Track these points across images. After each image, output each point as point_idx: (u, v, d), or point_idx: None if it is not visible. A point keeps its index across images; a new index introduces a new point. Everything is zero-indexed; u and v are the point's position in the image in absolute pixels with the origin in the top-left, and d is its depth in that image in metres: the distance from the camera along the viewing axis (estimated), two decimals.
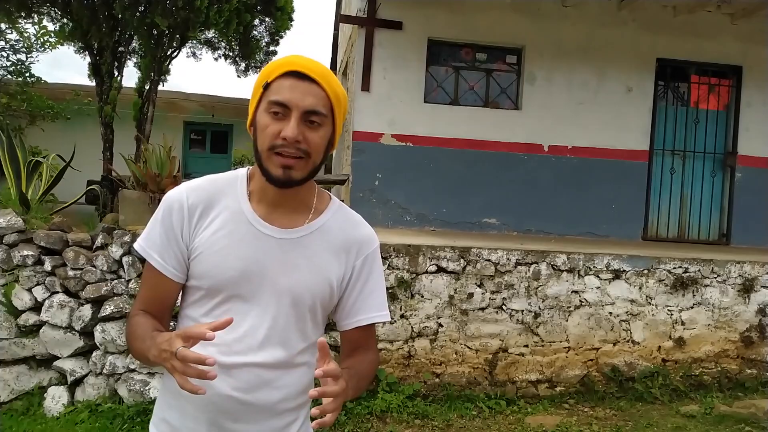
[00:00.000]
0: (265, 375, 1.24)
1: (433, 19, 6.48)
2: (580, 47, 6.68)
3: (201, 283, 1.25)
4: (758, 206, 6.86)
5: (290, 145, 1.15)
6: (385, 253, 4.41)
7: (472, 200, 6.51)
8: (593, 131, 6.73)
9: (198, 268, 1.24)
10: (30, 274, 4.02)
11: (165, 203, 1.27)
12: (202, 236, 1.24)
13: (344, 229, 1.33)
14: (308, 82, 1.17)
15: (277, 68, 1.18)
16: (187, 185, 1.29)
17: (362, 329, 1.35)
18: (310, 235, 1.28)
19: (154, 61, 7.40)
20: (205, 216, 1.25)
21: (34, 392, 3.99)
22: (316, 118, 1.17)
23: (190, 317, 1.28)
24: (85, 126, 9.33)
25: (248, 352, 1.22)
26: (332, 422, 1.06)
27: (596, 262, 4.69)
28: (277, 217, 1.26)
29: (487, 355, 4.51)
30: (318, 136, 1.19)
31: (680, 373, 4.74)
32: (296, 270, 1.25)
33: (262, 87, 1.19)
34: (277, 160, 1.17)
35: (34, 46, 8.43)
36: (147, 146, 5.73)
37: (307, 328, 1.30)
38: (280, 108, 1.16)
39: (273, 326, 1.24)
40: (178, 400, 1.26)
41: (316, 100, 1.17)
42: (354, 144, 6.45)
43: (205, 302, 1.26)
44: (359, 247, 1.33)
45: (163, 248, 1.24)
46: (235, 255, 1.22)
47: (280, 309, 1.24)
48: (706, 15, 6.73)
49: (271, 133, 1.16)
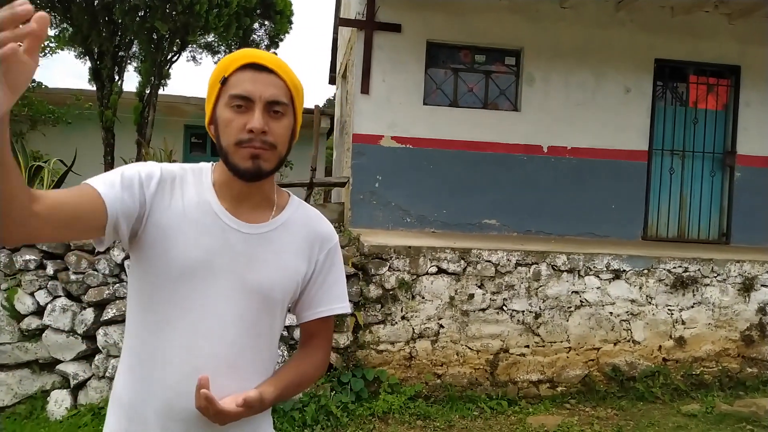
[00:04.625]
0: (235, 375, 1.20)
1: (431, 21, 6.50)
2: (579, 48, 6.70)
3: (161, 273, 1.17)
4: (758, 205, 6.88)
5: (257, 138, 1.14)
6: (385, 255, 4.42)
7: (472, 201, 6.53)
8: (592, 132, 6.75)
9: (159, 253, 1.17)
10: (32, 279, 4.05)
11: (134, 165, 1.21)
12: (163, 212, 1.18)
13: (307, 225, 1.33)
14: (266, 73, 1.17)
15: (233, 62, 1.17)
16: (159, 163, 1.25)
17: (321, 320, 1.36)
18: (275, 231, 1.27)
19: (155, 66, 7.43)
20: (170, 191, 1.20)
21: (37, 396, 4.01)
22: (279, 107, 1.17)
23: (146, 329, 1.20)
24: (86, 130, 9.34)
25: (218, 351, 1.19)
26: (225, 413, 1.09)
27: (596, 262, 4.70)
28: (242, 212, 1.24)
29: (488, 355, 4.52)
30: (282, 126, 1.19)
31: (681, 372, 4.75)
32: (264, 265, 1.24)
33: (220, 82, 1.17)
34: (245, 152, 1.15)
35: None
36: (148, 150, 5.76)
37: (276, 325, 1.30)
38: (242, 101, 1.15)
39: (242, 323, 1.21)
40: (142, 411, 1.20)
41: (277, 90, 1.17)
42: (354, 146, 6.47)
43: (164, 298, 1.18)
44: (322, 242, 1.34)
45: (112, 188, 1.12)
46: (200, 244, 1.18)
47: (249, 306, 1.21)
48: (704, 15, 6.75)
49: (236, 127, 1.15)
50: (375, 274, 4.39)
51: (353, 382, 4.17)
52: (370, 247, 4.43)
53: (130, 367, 1.23)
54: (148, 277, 1.19)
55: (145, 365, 1.20)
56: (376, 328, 4.36)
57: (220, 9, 6.97)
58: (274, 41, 10.12)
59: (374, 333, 4.36)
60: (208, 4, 6.65)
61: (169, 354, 1.18)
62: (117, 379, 1.27)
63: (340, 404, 4.01)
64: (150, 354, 1.19)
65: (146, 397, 1.19)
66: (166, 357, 1.18)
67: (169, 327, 1.18)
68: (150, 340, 1.20)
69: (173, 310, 1.18)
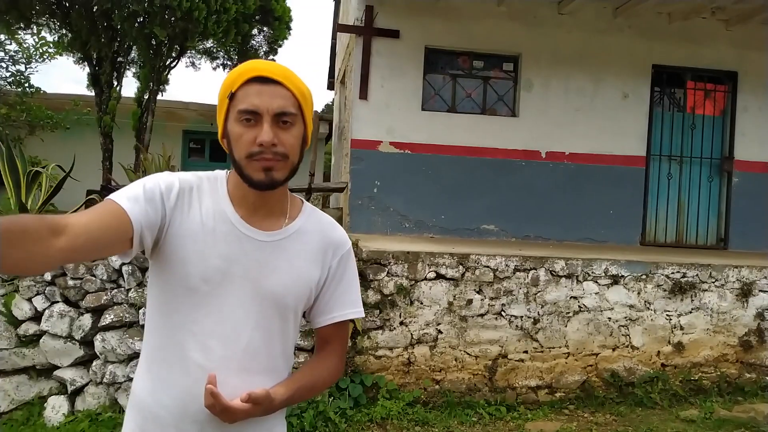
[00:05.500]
0: (248, 379, 1.22)
1: (430, 27, 6.53)
2: (576, 54, 6.73)
3: (179, 280, 1.21)
4: (755, 211, 6.89)
5: (267, 150, 1.16)
6: (384, 261, 4.42)
7: (471, 207, 6.53)
8: (590, 137, 6.77)
9: (177, 261, 1.20)
10: (30, 284, 4.04)
11: (155, 176, 1.24)
12: (182, 223, 1.21)
13: (320, 231, 1.35)
14: (272, 84, 1.18)
15: (239, 77, 1.19)
16: (176, 173, 1.29)
17: (335, 326, 1.37)
18: (288, 238, 1.29)
19: (153, 71, 7.45)
20: (188, 202, 1.24)
21: (35, 402, 3.99)
22: (287, 118, 1.19)
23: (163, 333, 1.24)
24: (85, 136, 9.34)
25: (232, 355, 1.22)
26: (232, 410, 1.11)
27: (594, 267, 4.70)
28: (257, 220, 1.27)
29: (486, 361, 4.51)
30: (292, 136, 1.21)
31: (680, 377, 4.75)
32: (277, 272, 1.26)
33: (228, 98, 1.19)
34: (257, 165, 1.18)
35: (33, 57, 8.47)
36: (146, 155, 5.76)
37: (289, 330, 1.32)
38: (250, 115, 1.17)
39: (256, 328, 1.24)
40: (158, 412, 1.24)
41: (284, 101, 1.18)
42: (352, 152, 6.48)
43: (181, 304, 1.22)
44: (335, 248, 1.36)
45: (137, 203, 1.15)
46: (217, 253, 1.22)
47: (263, 312, 1.25)
48: (701, 21, 6.78)
49: (247, 141, 1.17)
50: (373, 279, 4.38)
51: (351, 387, 4.16)
52: (368, 253, 4.43)
53: (148, 369, 1.28)
54: (167, 285, 1.23)
55: (161, 368, 1.24)
56: (375, 333, 4.36)
57: (218, 15, 6.99)
58: (273, 47, 10.15)
59: (372, 338, 4.35)
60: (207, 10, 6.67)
61: (184, 357, 1.21)
62: (135, 381, 1.32)
63: (338, 410, 3.99)
64: (167, 357, 1.24)
65: (162, 397, 1.23)
66: (182, 360, 1.22)
67: (186, 331, 1.22)
68: (167, 344, 1.24)
69: (190, 315, 1.22)
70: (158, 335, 1.26)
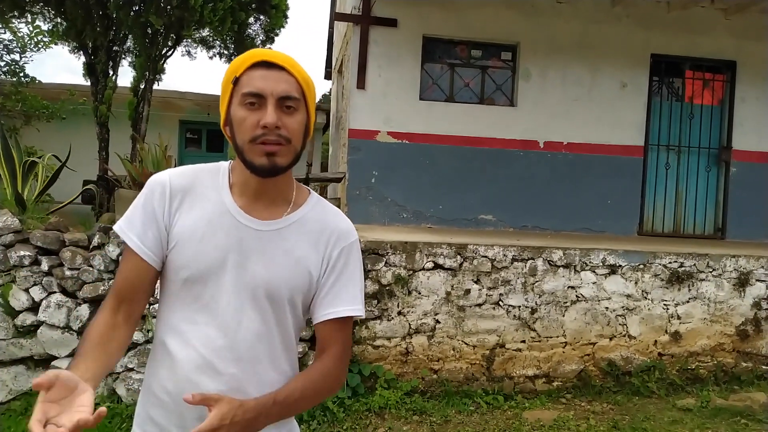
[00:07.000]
0: (247, 368, 1.24)
1: (427, 16, 6.48)
2: (575, 43, 6.70)
3: (180, 274, 1.24)
4: (753, 200, 6.90)
5: (271, 133, 1.16)
6: (382, 251, 4.42)
7: (468, 197, 6.53)
8: (588, 127, 6.75)
9: (178, 257, 1.24)
10: (27, 275, 4.02)
11: (148, 186, 1.28)
12: (182, 222, 1.25)
13: (321, 221, 1.32)
14: (277, 69, 1.19)
15: (243, 62, 1.19)
16: (172, 170, 1.30)
17: (332, 324, 1.30)
18: (288, 227, 1.28)
19: (149, 60, 7.39)
20: (186, 201, 1.26)
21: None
22: (291, 102, 1.19)
23: (168, 324, 1.28)
24: (81, 126, 9.29)
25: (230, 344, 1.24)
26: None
27: (592, 257, 4.71)
28: (257, 209, 1.27)
29: (484, 350, 4.52)
30: (295, 121, 1.20)
31: (676, 367, 4.77)
32: (272, 262, 1.25)
33: (232, 83, 1.20)
34: (260, 149, 1.17)
35: (28, 46, 8.40)
36: (143, 145, 5.73)
37: (288, 320, 1.29)
38: (254, 98, 1.17)
39: (252, 318, 1.24)
40: (163, 398, 1.27)
41: (288, 85, 1.19)
42: (350, 142, 6.45)
43: (184, 296, 1.26)
44: (336, 239, 1.32)
45: (143, 231, 1.24)
46: (213, 244, 1.23)
47: (257, 301, 1.24)
48: (700, 10, 6.75)
49: (250, 124, 1.17)
50: (371, 269, 4.38)
51: (350, 377, 4.17)
52: (366, 243, 4.42)
53: (154, 357, 1.32)
54: (173, 279, 1.27)
55: (167, 356, 1.27)
56: (373, 323, 4.36)
57: (214, 3, 6.93)
58: (270, 36, 10.06)
59: (371, 328, 4.36)
60: None
61: (187, 346, 1.24)
62: (147, 369, 1.36)
63: (336, 400, 4.01)
64: (172, 347, 1.26)
65: (166, 384, 1.26)
66: (185, 349, 1.24)
67: (189, 322, 1.25)
68: (173, 335, 1.26)
69: (192, 306, 1.25)
70: (162, 324, 1.29)
